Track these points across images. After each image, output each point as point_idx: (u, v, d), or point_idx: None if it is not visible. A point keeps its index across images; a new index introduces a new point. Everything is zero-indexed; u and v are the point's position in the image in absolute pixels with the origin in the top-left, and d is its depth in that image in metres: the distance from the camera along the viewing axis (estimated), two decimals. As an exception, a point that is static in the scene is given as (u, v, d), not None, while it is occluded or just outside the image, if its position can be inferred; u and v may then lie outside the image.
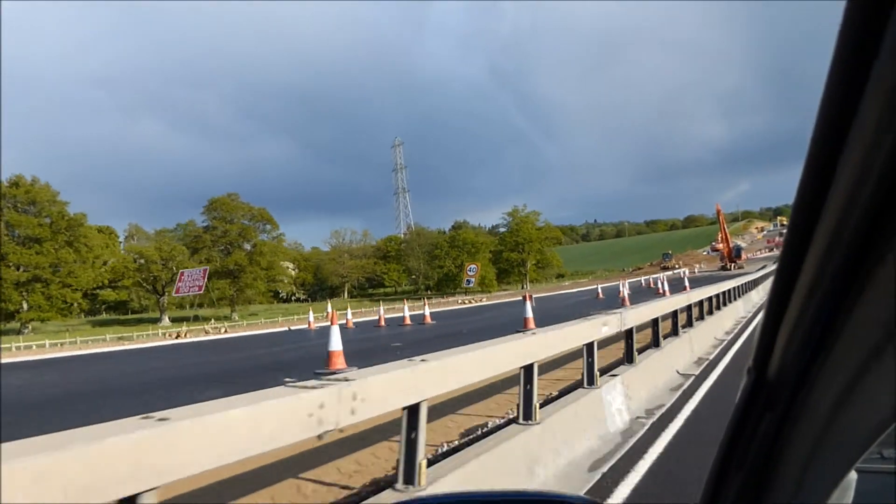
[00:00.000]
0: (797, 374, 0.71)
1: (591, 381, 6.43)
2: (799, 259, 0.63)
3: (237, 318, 67.46)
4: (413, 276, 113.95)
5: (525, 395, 5.09)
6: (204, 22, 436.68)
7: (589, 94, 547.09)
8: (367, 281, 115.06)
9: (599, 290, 33.36)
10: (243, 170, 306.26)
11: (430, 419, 3.87)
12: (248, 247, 71.37)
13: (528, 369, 5.11)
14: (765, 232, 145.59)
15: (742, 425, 0.81)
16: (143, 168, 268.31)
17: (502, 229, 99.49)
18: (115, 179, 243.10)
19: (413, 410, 3.63)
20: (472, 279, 42.56)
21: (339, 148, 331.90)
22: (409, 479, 3.56)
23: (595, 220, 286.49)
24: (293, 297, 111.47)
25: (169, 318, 67.78)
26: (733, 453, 0.83)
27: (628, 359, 8.01)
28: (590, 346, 6.50)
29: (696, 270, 76.45)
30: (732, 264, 70.73)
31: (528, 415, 5.06)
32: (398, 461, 3.66)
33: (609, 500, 4.46)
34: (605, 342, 9.20)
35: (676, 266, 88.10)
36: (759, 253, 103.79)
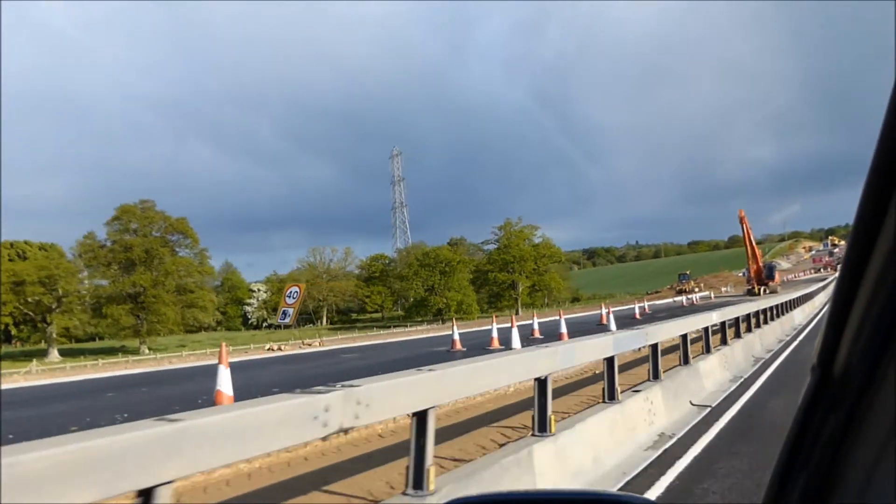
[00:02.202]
0: (864, 372, 0.68)
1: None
2: (866, 254, 0.61)
3: (147, 351, 55.46)
4: (402, 300, 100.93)
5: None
6: (254, 47, 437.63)
7: (634, 115, 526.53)
8: (348, 306, 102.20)
9: (456, 338, 19.52)
10: (288, 191, 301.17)
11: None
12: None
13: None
14: (813, 252, 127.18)
15: (806, 424, 0.78)
16: (189, 189, 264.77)
17: (492, 246, 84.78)
18: (163, 201, 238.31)
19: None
20: (290, 310, 26.89)
21: (383, 169, 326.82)
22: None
23: (637, 242, 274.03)
24: (264, 324, 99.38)
25: (59, 351, 56.19)
26: (798, 453, 0.80)
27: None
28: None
29: (711, 296, 61.34)
30: (763, 287, 55.09)
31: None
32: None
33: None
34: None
35: (697, 289, 72.72)
36: (803, 274, 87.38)
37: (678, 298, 57.61)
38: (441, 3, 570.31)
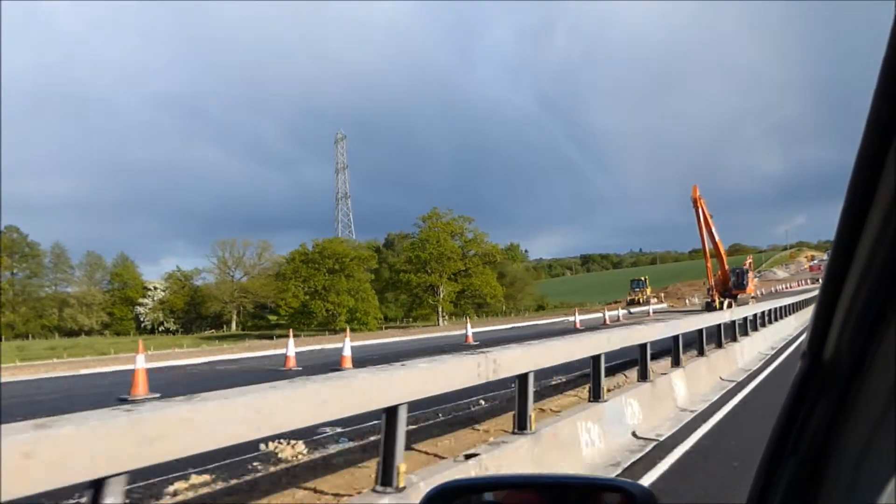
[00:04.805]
0: (852, 358, 0.68)
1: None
2: (853, 241, 0.62)
3: None
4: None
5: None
6: (264, 50, 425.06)
7: (641, 123, 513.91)
8: (260, 308, 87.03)
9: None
10: (294, 193, 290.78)
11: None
12: None
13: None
14: (815, 261, 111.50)
15: (796, 411, 0.78)
16: (197, 190, 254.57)
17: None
18: (170, 201, 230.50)
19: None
20: None
21: (388, 173, 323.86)
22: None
23: (640, 249, 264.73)
24: (160, 327, 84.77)
25: None
26: (787, 440, 0.79)
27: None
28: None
29: (650, 311, 46.55)
30: (729, 300, 39.69)
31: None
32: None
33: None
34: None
35: (654, 299, 57.50)
36: (796, 284, 71.96)
37: (612, 313, 42.63)
38: (448, 9, 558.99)
